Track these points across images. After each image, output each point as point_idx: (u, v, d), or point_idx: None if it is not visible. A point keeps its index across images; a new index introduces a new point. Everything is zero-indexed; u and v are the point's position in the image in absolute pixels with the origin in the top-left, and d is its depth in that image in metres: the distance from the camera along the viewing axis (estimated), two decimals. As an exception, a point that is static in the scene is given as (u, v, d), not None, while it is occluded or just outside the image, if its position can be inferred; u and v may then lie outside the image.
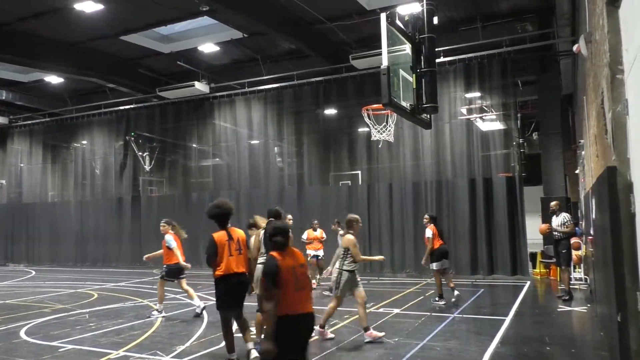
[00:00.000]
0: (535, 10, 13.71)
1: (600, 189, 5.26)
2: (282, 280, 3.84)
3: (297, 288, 3.91)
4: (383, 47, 6.05)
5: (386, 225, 15.10)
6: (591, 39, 6.16)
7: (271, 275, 3.87)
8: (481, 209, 13.92)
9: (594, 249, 7.36)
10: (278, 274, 3.85)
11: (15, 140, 22.70)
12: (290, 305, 3.84)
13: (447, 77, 14.25)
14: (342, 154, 17.02)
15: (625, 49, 3.99)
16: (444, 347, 6.55)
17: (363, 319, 6.90)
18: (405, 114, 6.68)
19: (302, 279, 3.99)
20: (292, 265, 3.97)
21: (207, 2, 11.74)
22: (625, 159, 4.08)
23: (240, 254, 5.85)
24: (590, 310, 8.78)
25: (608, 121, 4.56)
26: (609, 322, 5.18)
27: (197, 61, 16.60)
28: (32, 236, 21.76)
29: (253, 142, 17.97)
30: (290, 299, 3.85)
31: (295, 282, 3.90)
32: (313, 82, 16.22)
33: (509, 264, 13.41)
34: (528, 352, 6.39)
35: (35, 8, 13.09)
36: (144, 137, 20.28)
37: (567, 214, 10.22)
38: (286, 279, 3.87)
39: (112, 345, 7.01)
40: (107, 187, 20.46)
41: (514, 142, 14.16)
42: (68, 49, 15.70)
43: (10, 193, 23.11)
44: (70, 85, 19.37)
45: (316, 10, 12.91)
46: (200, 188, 19.07)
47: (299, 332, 3.92)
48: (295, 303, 3.87)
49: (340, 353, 6.41)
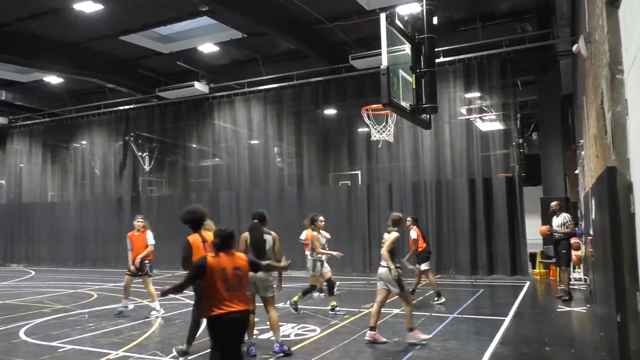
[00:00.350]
0: (535, 11, 13.72)
1: (600, 189, 5.26)
2: (211, 280, 4.10)
3: (227, 289, 4.12)
4: (383, 47, 6.06)
5: (386, 225, 15.02)
6: (591, 39, 6.16)
7: (194, 269, 4.24)
8: (481, 209, 13.92)
9: (594, 249, 7.36)
10: (204, 271, 4.13)
11: (15, 140, 22.69)
12: (220, 304, 4.09)
13: (447, 77, 14.25)
14: (342, 154, 17.02)
15: (624, 49, 3.99)
16: (444, 347, 6.55)
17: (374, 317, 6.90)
18: (405, 114, 6.69)
19: (235, 280, 4.19)
20: (225, 266, 4.18)
21: (206, 2, 11.73)
22: (624, 159, 4.08)
23: None
24: (590, 310, 8.78)
25: (608, 121, 4.56)
26: (609, 322, 5.17)
27: (196, 61, 16.60)
28: (31, 236, 21.75)
29: (253, 142, 17.97)
30: (220, 298, 4.09)
31: (225, 283, 4.12)
32: (313, 82, 16.22)
33: (508, 264, 13.41)
34: (528, 353, 6.38)
35: (35, 8, 13.08)
36: (143, 137, 20.26)
37: (567, 214, 10.23)
38: (216, 279, 4.10)
39: (111, 345, 7.01)
40: (107, 187, 20.45)
41: (513, 142, 14.16)
42: (67, 49, 15.70)
43: (9, 193, 23.10)
44: (69, 86, 19.38)
45: (316, 10, 12.91)
46: (199, 188, 19.07)
47: (228, 330, 4.15)
48: (224, 302, 4.10)
49: (340, 353, 6.41)
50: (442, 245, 14.29)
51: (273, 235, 6.61)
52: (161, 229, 18.72)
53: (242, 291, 4.28)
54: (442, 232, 14.33)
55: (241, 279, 4.27)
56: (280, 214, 15.79)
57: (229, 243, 4.35)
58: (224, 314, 4.08)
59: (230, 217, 17.22)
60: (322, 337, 7.22)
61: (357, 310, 9.01)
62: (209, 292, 4.13)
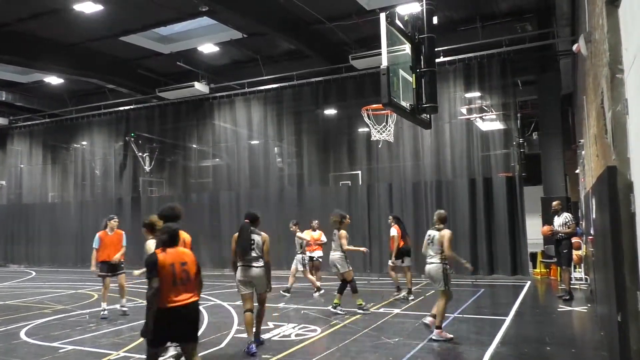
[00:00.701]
0: (535, 10, 13.72)
1: (600, 189, 5.25)
2: (161, 275, 4.36)
3: (174, 283, 4.41)
4: (383, 47, 6.05)
5: (386, 225, 15.02)
6: (591, 39, 6.16)
7: (149, 267, 4.42)
8: (481, 209, 13.91)
9: (594, 249, 7.35)
10: (155, 268, 4.36)
11: (15, 141, 22.69)
12: (167, 298, 4.36)
13: (447, 77, 14.25)
14: (342, 154, 17.01)
15: (625, 48, 3.99)
16: (444, 347, 6.55)
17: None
18: (405, 114, 6.68)
19: (182, 275, 4.47)
20: (172, 262, 4.46)
21: (206, 2, 11.74)
22: (625, 159, 4.07)
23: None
24: (591, 310, 8.78)
25: (608, 121, 4.56)
26: (609, 322, 5.17)
27: (196, 61, 16.60)
28: (32, 237, 21.75)
29: (253, 143, 17.96)
30: (167, 292, 4.37)
31: (172, 278, 4.40)
32: (313, 82, 16.22)
33: (509, 264, 13.40)
34: (528, 352, 6.38)
35: (35, 9, 13.09)
36: (143, 138, 20.27)
37: (569, 213, 10.23)
38: (164, 274, 4.38)
39: (112, 346, 7.01)
40: (107, 187, 20.45)
41: (513, 142, 14.15)
42: (68, 49, 15.71)
43: (10, 194, 23.10)
44: (70, 86, 19.38)
45: (316, 10, 12.91)
46: (200, 188, 19.07)
47: (174, 322, 4.40)
48: (171, 296, 4.37)
49: (340, 353, 6.41)
50: (443, 245, 14.26)
51: (263, 236, 6.66)
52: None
53: (191, 284, 4.52)
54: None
55: (189, 273, 4.53)
56: (281, 214, 15.78)
57: (175, 240, 4.64)
58: (171, 307, 4.35)
59: (230, 217, 17.24)
60: (322, 337, 7.22)
61: (358, 310, 9.00)
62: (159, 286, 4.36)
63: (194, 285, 4.58)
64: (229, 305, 10.01)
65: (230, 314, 9.13)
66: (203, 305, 9.94)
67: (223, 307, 9.89)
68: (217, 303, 10.34)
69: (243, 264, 6.56)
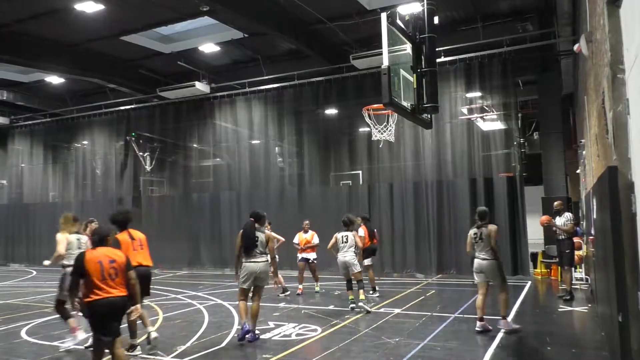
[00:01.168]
0: (536, 10, 13.70)
1: (601, 189, 5.25)
2: (88, 271, 4.86)
3: (102, 279, 4.88)
4: (383, 47, 6.04)
5: (387, 225, 15.09)
6: (592, 39, 6.15)
7: (75, 266, 4.99)
8: (482, 209, 13.89)
9: (595, 249, 7.35)
10: (81, 264, 4.88)
11: (16, 140, 22.70)
12: (95, 291, 4.85)
13: (448, 77, 14.24)
14: (343, 154, 17.01)
15: (626, 48, 3.98)
16: (445, 347, 6.55)
17: None
18: (406, 113, 6.67)
19: (112, 271, 4.95)
20: (101, 260, 4.94)
21: (207, 2, 11.74)
22: (626, 159, 4.07)
23: (142, 249, 7.09)
24: (591, 310, 8.77)
25: (609, 121, 4.55)
26: (610, 322, 5.17)
27: (197, 61, 16.61)
28: (32, 236, 21.75)
29: (253, 142, 17.96)
30: (96, 286, 4.85)
31: (101, 274, 4.88)
32: (313, 82, 16.21)
33: (510, 264, 13.37)
34: (529, 352, 6.38)
35: (36, 9, 13.09)
36: (144, 138, 20.27)
37: (569, 213, 10.24)
38: (92, 270, 4.87)
39: (112, 345, 7.00)
40: (108, 187, 20.43)
41: (514, 142, 14.15)
42: (69, 49, 15.71)
43: (11, 193, 23.10)
44: (70, 86, 19.38)
45: (316, 10, 12.91)
46: (200, 188, 19.07)
47: (102, 314, 4.87)
48: (100, 290, 4.86)
49: (341, 353, 6.41)
50: (444, 245, 14.28)
51: (267, 234, 7.28)
52: (162, 229, 18.80)
53: (119, 280, 4.98)
54: (443, 231, 14.32)
55: (117, 270, 5.00)
56: (281, 214, 15.78)
57: (105, 240, 5.19)
58: (99, 299, 4.83)
59: (231, 217, 17.25)
60: (323, 337, 7.22)
61: (358, 310, 9.00)
62: (87, 281, 4.86)
63: (123, 281, 5.02)
64: (229, 304, 10.01)
65: (230, 314, 9.13)
66: (204, 304, 9.98)
67: (223, 307, 9.89)
68: (217, 302, 10.35)
69: (247, 260, 7.09)
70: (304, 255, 11.14)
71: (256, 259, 7.07)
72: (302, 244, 11.14)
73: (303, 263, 11.17)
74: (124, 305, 5.03)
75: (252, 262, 7.05)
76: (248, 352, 6.61)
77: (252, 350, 6.65)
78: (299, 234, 11.35)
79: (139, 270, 6.10)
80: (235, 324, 8.18)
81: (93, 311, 4.85)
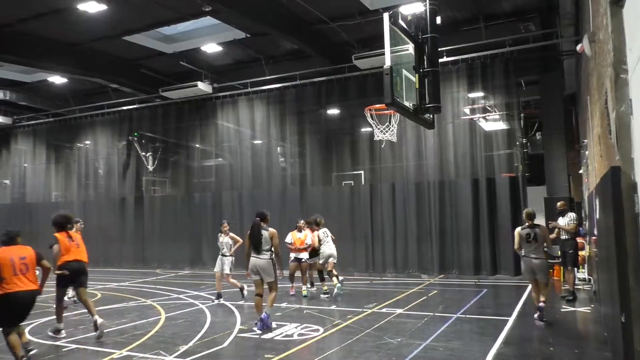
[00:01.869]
0: (538, 10, 13.68)
1: (603, 189, 5.24)
2: (2, 267, 5.66)
3: (14, 273, 5.75)
4: (386, 47, 6.04)
5: (389, 225, 15.07)
6: (595, 39, 6.14)
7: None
8: (484, 209, 13.89)
9: (598, 249, 7.33)
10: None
11: (19, 140, 22.74)
12: (8, 285, 5.70)
13: (450, 77, 14.21)
14: (345, 154, 17.00)
15: (629, 48, 3.97)
16: (447, 347, 6.55)
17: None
18: (408, 114, 6.67)
19: (22, 267, 5.86)
20: (12, 257, 5.80)
21: (209, 2, 11.75)
22: (629, 159, 4.06)
23: (78, 247, 8.06)
24: (594, 310, 8.76)
25: (612, 121, 4.54)
26: (613, 322, 5.16)
27: (199, 61, 16.63)
28: (35, 236, 21.73)
29: (256, 142, 17.97)
30: (9, 281, 5.71)
31: (13, 269, 5.74)
32: (316, 82, 16.20)
33: (512, 264, 13.35)
34: (531, 353, 6.38)
35: (39, 9, 13.11)
36: (146, 138, 20.31)
37: (573, 213, 10.24)
38: (5, 266, 5.69)
39: (115, 345, 7.04)
40: (110, 187, 20.46)
41: (517, 142, 14.12)
42: (71, 49, 15.74)
43: (14, 193, 23.14)
44: (73, 86, 19.43)
45: (319, 10, 12.91)
46: (202, 188, 19.08)
47: (15, 305, 5.80)
48: (11, 284, 5.73)
49: (343, 353, 6.41)
50: (446, 245, 14.26)
51: (270, 232, 7.84)
52: (164, 229, 18.85)
53: (29, 274, 5.91)
54: (446, 232, 14.30)
55: (27, 266, 5.91)
56: (283, 214, 15.77)
57: (14, 240, 6.05)
58: (10, 292, 5.69)
59: (233, 216, 17.25)
60: (325, 337, 7.22)
61: (360, 310, 9.01)
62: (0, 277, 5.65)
63: (34, 275, 5.94)
64: (231, 304, 10.02)
65: (232, 313, 9.14)
66: (205, 304, 9.99)
67: (225, 306, 9.90)
68: (219, 302, 10.35)
69: (252, 255, 7.79)
70: (295, 255, 10.94)
71: (259, 255, 7.74)
72: (298, 244, 10.89)
73: (296, 263, 10.94)
74: (33, 298, 5.95)
75: (254, 257, 7.78)
76: (250, 352, 6.61)
77: (254, 350, 6.65)
78: (292, 234, 11.11)
79: (75, 265, 7.65)
80: (237, 323, 8.20)
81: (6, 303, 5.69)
